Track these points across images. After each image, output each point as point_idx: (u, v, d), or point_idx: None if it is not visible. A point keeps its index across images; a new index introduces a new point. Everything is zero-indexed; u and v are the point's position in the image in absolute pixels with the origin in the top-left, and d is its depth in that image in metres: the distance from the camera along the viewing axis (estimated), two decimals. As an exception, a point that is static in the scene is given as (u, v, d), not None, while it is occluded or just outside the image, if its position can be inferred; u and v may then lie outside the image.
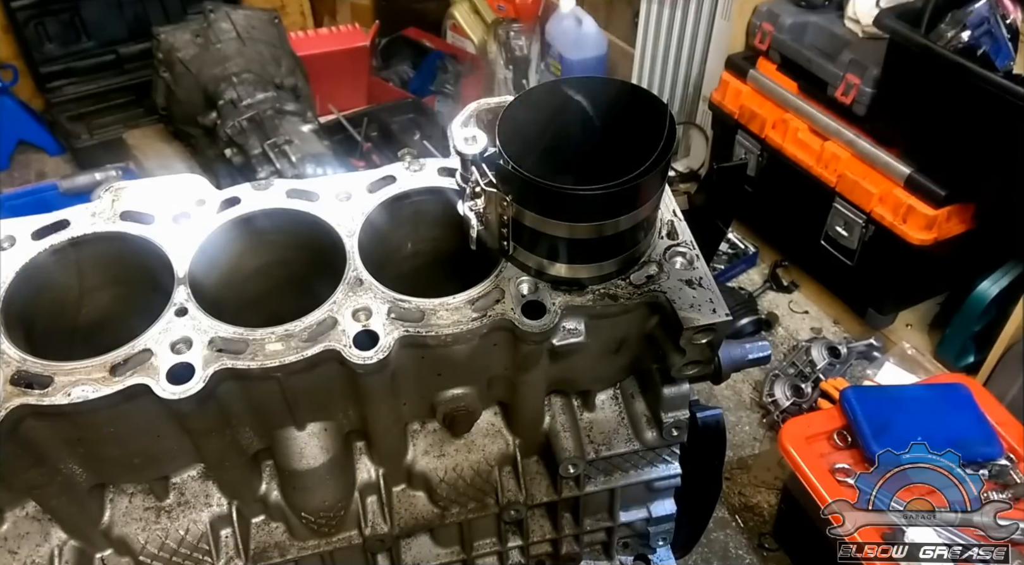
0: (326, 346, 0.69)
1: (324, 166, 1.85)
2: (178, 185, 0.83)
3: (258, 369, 0.68)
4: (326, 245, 0.79)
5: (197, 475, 0.82)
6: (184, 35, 2.25)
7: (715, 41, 2.58)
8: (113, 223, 0.79)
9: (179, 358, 0.67)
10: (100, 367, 0.66)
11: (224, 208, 0.81)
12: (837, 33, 2.11)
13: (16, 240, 0.76)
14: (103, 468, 0.75)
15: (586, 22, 3.00)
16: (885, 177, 1.98)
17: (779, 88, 2.26)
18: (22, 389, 0.65)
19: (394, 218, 0.83)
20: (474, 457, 0.87)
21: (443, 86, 3.17)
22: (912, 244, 1.94)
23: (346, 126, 2.61)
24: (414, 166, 0.85)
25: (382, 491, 0.87)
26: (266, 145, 1.91)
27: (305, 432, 0.79)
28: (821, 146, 2.13)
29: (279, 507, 0.84)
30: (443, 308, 0.73)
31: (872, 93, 1.98)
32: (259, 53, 2.25)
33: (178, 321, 0.70)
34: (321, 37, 2.94)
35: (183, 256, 0.76)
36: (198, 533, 0.81)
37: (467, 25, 3.34)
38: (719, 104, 2.47)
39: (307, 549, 0.87)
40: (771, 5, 2.28)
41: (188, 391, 0.65)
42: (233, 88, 2.08)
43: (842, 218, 2.12)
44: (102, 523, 0.79)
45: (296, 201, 0.81)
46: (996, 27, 1.76)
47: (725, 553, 1.89)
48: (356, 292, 0.73)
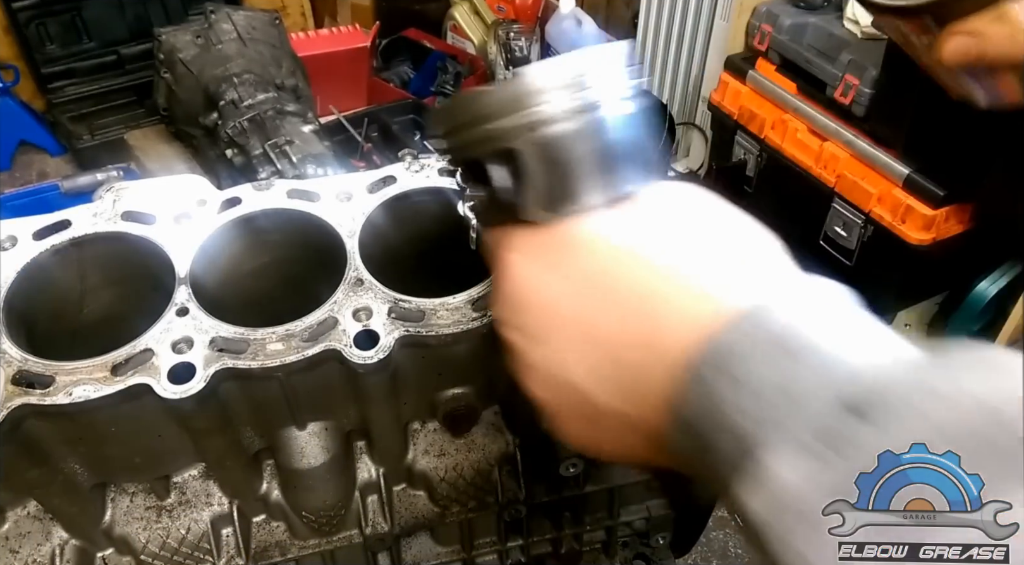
0: (327, 346, 0.69)
1: (325, 166, 1.85)
2: (179, 185, 0.83)
3: (259, 369, 0.68)
4: (327, 245, 0.79)
5: (198, 474, 0.82)
6: (185, 36, 2.25)
7: (714, 42, 2.58)
8: (114, 223, 0.79)
9: (180, 358, 0.67)
10: (101, 367, 0.67)
11: (225, 208, 0.81)
12: (836, 34, 2.12)
13: (17, 240, 0.76)
14: (104, 467, 0.75)
15: (586, 23, 3.00)
16: (884, 177, 1.98)
17: (778, 89, 2.27)
18: (23, 389, 0.65)
19: (394, 218, 0.83)
20: (474, 456, 0.88)
21: (443, 87, 3.17)
22: (911, 244, 1.94)
23: (346, 126, 2.61)
24: (414, 166, 0.85)
25: (383, 490, 0.87)
26: (267, 146, 1.91)
27: (306, 432, 0.79)
28: (820, 146, 2.14)
29: (280, 506, 0.84)
30: (443, 308, 0.73)
31: (871, 94, 1.99)
32: (260, 54, 2.25)
33: (179, 321, 0.71)
34: (321, 38, 2.94)
35: (184, 256, 0.76)
36: (199, 532, 0.81)
37: (467, 26, 3.34)
38: (718, 105, 2.47)
39: (308, 548, 0.87)
40: (770, 6, 2.28)
41: (189, 391, 0.65)
42: (234, 89, 2.08)
43: (841, 218, 2.12)
44: (103, 522, 0.79)
45: (297, 201, 0.82)
46: (995, 28, 1.76)
47: (724, 552, 1.89)
48: (356, 292, 0.74)
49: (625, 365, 0.41)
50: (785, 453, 0.32)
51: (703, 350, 0.36)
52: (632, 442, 0.43)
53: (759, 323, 0.36)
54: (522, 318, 0.46)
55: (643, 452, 0.43)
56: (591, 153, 0.45)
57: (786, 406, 0.33)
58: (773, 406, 0.33)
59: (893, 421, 0.30)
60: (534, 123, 0.44)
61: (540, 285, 0.44)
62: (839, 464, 0.31)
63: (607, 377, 0.41)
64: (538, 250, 0.45)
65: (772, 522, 0.32)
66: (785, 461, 0.32)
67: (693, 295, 0.39)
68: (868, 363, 0.33)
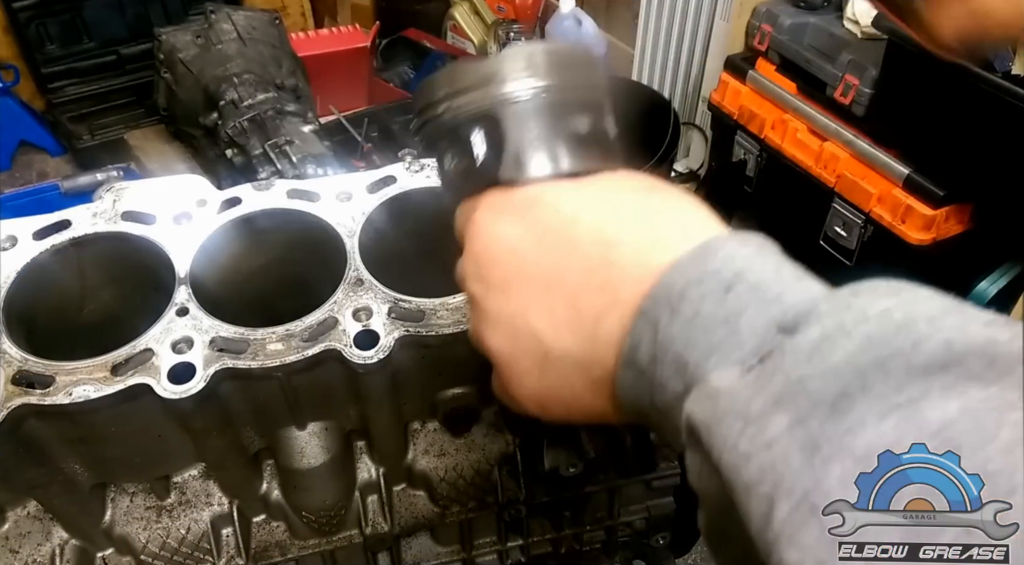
0: (327, 346, 0.69)
1: (325, 166, 1.85)
2: (179, 185, 0.83)
3: (259, 369, 0.68)
4: (327, 245, 0.80)
5: (198, 474, 0.82)
6: (185, 36, 2.25)
7: (714, 42, 2.58)
8: (115, 223, 0.79)
9: (180, 358, 0.67)
10: (101, 367, 0.67)
11: (225, 208, 0.81)
12: (836, 34, 2.12)
13: (17, 240, 0.76)
14: (104, 467, 0.76)
15: (586, 23, 3.00)
16: (884, 177, 1.99)
17: (778, 89, 2.27)
18: (23, 389, 0.65)
19: (394, 218, 0.84)
20: (474, 456, 0.88)
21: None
22: (911, 244, 1.94)
23: (347, 126, 2.61)
24: (414, 166, 0.85)
25: (383, 490, 0.87)
26: (267, 145, 1.91)
27: (306, 432, 0.79)
28: (820, 146, 2.14)
29: (280, 506, 0.84)
30: (443, 308, 0.73)
31: (871, 94, 1.99)
32: (260, 54, 2.25)
33: (179, 321, 0.71)
34: (322, 38, 2.94)
35: (184, 256, 0.76)
36: (199, 532, 0.81)
37: (467, 26, 3.34)
38: (718, 105, 2.47)
39: (308, 548, 0.87)
40: (770, 6, 2.28)
41: (189, 391, 0.65)
42: (234, 89, 2.08)
43: (841, 218, 2.12)
44: (103, 522, 0.79)
45: (297, 201, 0.82)
46: (995, 28, 1.76)
47: (725, 553, 1.89)
48: (356, 292, 0.74)
49: (583, 309, 0.44)
50: (725, 370, 0.36)
51: (652, 291, 0.40)
52: (581, 390, 0.46)
53: (702, 264, 0.39)
54: (486, 269, 0.49)
55: (590, 401, 0.46)
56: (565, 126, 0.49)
57: (728, 334, 0.37)
58: (716, 336, 0.37)
59: (813, 325, 0.34)
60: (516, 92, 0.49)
61: (506, 236, 0.48)
62: (768, 366, 0.34)
63: (564, 321, 0.45)
64: (507, 206, 0.49)
65: (712, 425, 0.35)
66: (725, 376, 0.36)
67: (649, 244, 0.43)
68: (801, 295, 0.37)
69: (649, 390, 0.40)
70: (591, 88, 0.51)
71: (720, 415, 0.34)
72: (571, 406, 0.48)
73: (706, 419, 0.35)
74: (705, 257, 0.40)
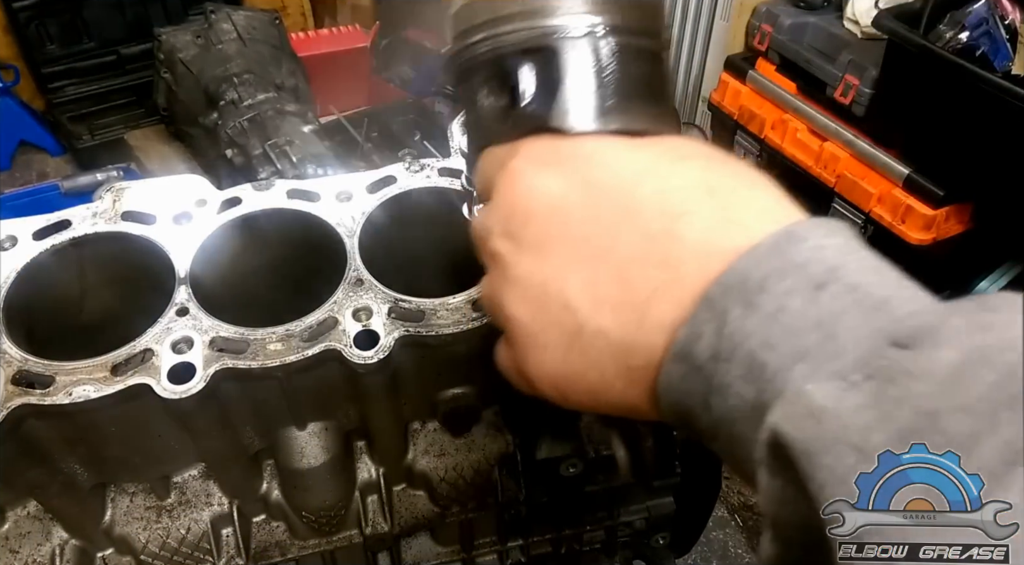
0: (327, 346, 0.69)
1: (325, 166, 1.85)
2: (179, 185, 0.83)
3: (259, 369, 0.68)
4: (327, 245, 0.80)
5: (198, 474, 0.82)
6: (185, 36, 2.25)
7: (714, 42, 2.58)
8: (114, 223, 0.79)
9: (180, 358, 0.67)
10: (101, 367, 0.67)
11: (225, 208, 0.81)
12: (836, 34, 2.12)
13: (17, 240, 0.76)
14: (104, 467, 0.76)
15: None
16: (884, 177, 1.99)
17: (778, 89, 2.27)
18: (23, 389, 0.65)
19: (394, 218, 0.84)
20: (474, 456, 0.88)
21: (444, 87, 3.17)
22: (911, 244, 1.94)
23: (347, 127, 2.61)
24: (414, 166, 0.85)
25: (383, 490, 0.87)
26: (267, 145, 1.91)
27: (306, 432, 0.79)
28: (820, 146, 2.14)
29: (280, 506, 0.84)
30: (443, 308, 0.73)
31: (871, 94, 1.99)
32: (260, 54, 2.25)
33: (179, 321, 0.71)
34: (322, 38, 2.94)
35: (184, 256, 0.76)
36: (199, 532, 0.81)
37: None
38: (718, 104, 2.48)
39: (308, 548, 0.87)
40: (770, 6, 2.28)
41: (189, 391, 0.65)
42: (234, 89, 2.08)
43: (841, 218, 2.12)
44: (103, 522, 0.79)
45: (297, 201, 0.82)
46: (995, 28, 1.76)
47: (724, 552, 1.90)
48: (356, 292, 0.74)
49: (634, 285, 0.38)
50: (821, 383, 0.30)
51: (722, 276, 0.34)
52: (612, 378, 0.39)
53: (785, 253, 0.34)
54: (519, 226, 0.42)
55: (621, 391, 0.39)
56: (630, 76, 0.42)
57: (822, 340, 0.31)
58: (805, 340, 0.32)
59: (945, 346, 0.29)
60: (571, 26, 0.42)
61: (550, 192, 0.41)
62: (886, 389, 0.29)
63: (607, 296, 0.38)
64: (555, 158, 0.42)
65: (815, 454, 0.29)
66: (824, 390, 0.30)
67: (720, 221, 0.37)
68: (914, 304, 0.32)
69: (704, 390, 0.34)
70: (656, 35, 0.44)
71: (827, 442, 0.29)
72: (597, 395, 0.41)
73: (806, 443, 0.30)
74: (788, 245, 0.34)
